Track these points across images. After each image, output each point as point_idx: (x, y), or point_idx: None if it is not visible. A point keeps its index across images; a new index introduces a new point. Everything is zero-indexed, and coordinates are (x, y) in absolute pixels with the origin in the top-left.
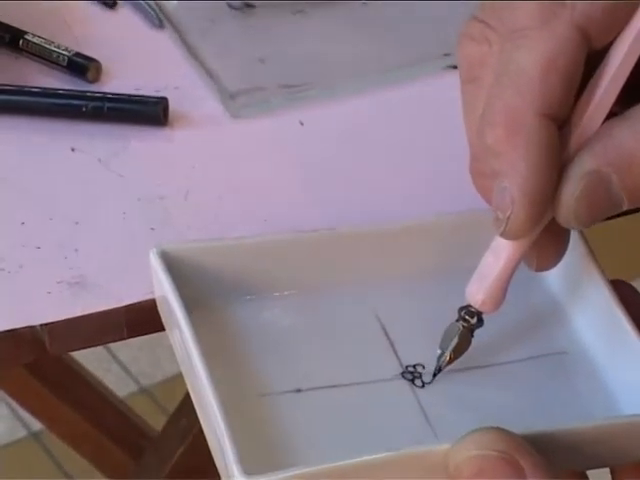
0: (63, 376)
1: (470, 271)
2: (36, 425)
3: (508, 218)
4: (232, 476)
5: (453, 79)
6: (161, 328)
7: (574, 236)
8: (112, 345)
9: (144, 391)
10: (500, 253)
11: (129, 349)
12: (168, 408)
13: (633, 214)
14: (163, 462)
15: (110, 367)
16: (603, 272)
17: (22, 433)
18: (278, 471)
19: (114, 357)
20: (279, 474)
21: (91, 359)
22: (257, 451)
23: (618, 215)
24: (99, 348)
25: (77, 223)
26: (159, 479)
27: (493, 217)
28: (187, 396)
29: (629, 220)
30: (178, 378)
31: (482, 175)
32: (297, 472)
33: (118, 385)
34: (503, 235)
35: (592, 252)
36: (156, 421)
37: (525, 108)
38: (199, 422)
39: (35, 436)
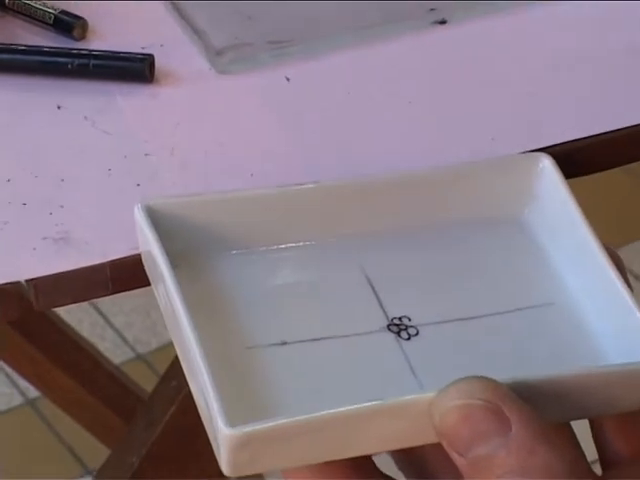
0: (59, 343)
1: (456, 224)
2: (33, 392)
3: None
4: (216, 427)
5: (439, 35)
6: (147, 283)
7: (561, 187)
8: (107, 311)
9: (139, 357)
10: None
11: (124, 315)
12: None
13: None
14: (153, 423)
15: (105, 334)
16: (590, 224)
17: (19, 400)
18: (262, 421)
19: (109, 323)
20: (263, 424)
21: (86, 325)
22: (242, 403)
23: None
24: (94, 314)
25: (63, 180)
26: (150, 440)
27: None
28: (178, 358)
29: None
30: (173, 345)
31: None
32: (282, 422)
33: (114, 352)
34: None
35: (578, 203)
36: (152, 387)
37: None
38: None
39: (32, 403)
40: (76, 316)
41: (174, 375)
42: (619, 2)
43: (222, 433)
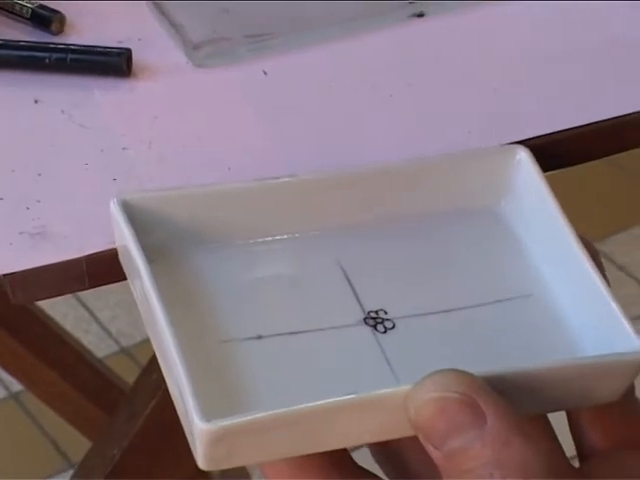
0: (42, 337)
1: (433, 216)
2: (16, 386)
3: None
4: (192, 421)
5: (417, 28)
6: (123, 278)
7: (536, 179)
8: (92, 305)
9: (124, 351)
10: None
11: (109, 309)
12: None
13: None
14: (135, 416)
15: (89, 327)
16: (566, 216)
17: (2, 394)
18: (238, 415)
19: (94, 317)
20: (239, 418)
21: (70, 319)
22: (218, 397)
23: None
24: (79, 308)
25: (40, 174)
26: (131, 432)
27: None
28: None
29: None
30: None
31: None
32: (258, 416)
33: (98, 345)
34: None
35: (554, 195)
36: None
37: None
38: None
39: (15, 397)
40: (61, 310)
41: (156, 368)
42: None
43: (197, 427)
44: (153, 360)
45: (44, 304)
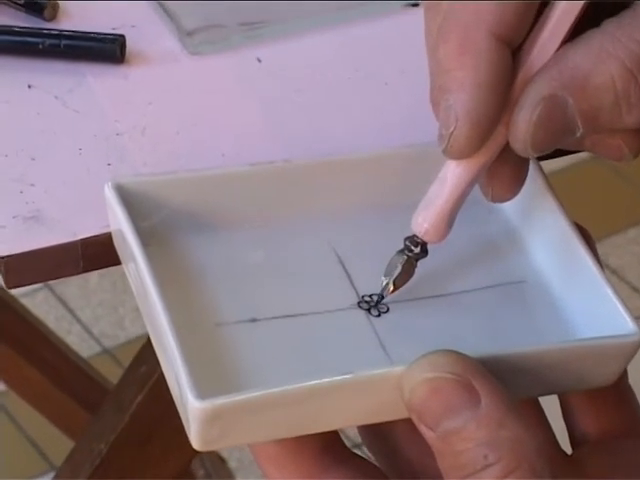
0: (26, 336)
1: None
2: None
3: (450, 135)
4: (186, 401)
5: (412, 17)
6: (117, 262)
7: (531, 168)
8: (73, 305)
9: (106, 352)
10: (445, 181)
11: (90, 309)
12: None
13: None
14: (122, 410)
15: (71, 328)
16: (560, 203)
17: None
18: (233, 394)
19: (75, 317)
20: (234, 397)
21: (52, 319)
22: (212, 378)
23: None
24: (60, 308)
25: (33, 159)
26: (119, 426)
27: (438, 134)
28: (147, 343)
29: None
30: (141, 339)
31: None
32: (252, 395)
33: (80, 346)
34: (445, 153)
35: (549, 182)
36: None
37: (478, 27)
38: (159, 368)
39: None
40: (42, 309)
41: (143, 361)
42: None
43: (192, 406)
44: (140, 354)
45: (26, 303)
